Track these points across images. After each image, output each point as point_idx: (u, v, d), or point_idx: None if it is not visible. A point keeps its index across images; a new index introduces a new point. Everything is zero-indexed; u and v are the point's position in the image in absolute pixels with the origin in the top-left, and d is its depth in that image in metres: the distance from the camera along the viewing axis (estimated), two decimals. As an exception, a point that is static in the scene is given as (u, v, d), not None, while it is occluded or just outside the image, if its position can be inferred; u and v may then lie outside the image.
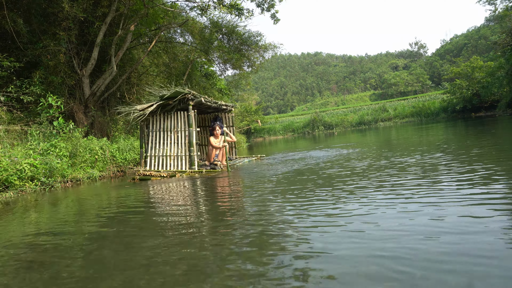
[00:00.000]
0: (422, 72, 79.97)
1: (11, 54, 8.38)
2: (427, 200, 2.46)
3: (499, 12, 20.98)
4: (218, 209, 2.99)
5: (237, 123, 25.20)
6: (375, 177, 3.65)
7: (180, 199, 3.73)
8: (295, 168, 5.29)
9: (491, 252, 1.47)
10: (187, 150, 6.48)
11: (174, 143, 6.56)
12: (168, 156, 6.54)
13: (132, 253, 1.95)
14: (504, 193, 2.43)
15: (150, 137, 6.69)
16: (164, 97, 6.53)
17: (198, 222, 2.55)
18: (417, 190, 2.80)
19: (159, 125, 6.70)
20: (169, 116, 6.67)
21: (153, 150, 6.63)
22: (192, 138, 6.43)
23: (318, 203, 2.73)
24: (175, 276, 1.56)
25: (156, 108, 6.58)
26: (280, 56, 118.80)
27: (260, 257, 1.69)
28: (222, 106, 8.02)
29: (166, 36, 14.49)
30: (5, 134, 7.01)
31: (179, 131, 6.57)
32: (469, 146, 5.60)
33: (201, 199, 3.68)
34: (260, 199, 3.24)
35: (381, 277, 1.35)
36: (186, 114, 6.53)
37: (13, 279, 1.73)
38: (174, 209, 3.17)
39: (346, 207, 2.51)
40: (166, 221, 2.68)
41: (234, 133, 8.64)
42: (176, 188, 4.61)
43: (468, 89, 23.32)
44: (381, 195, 2.75)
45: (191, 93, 6.40)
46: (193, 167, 6.36)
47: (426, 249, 1.57)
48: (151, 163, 6.59)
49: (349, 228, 2.01)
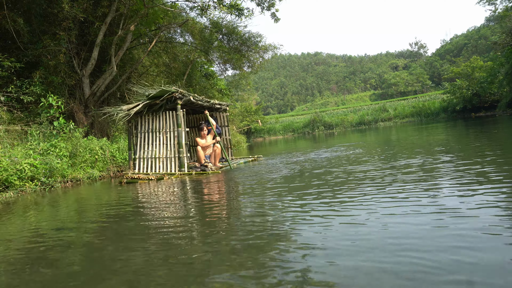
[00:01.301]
0: (422, 72, 79.96)
1: (12, 54, 8.39)
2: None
3: (499, 13, 20.98)
4: (201, 215, 2.83)
5: (237, 123, 25.21)
6: (389, 184, 3.21)
7: (162, 204, 3.50)
8: (294, 172, 4.84)
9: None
10: (176, 151, 6.21)
11: (163, 144, 6.29)
12: (157, 158, 6.27)
13: (118, 266, 1.94)
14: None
15: (138, 139, 6.43)
16: (150, 96, 6.24)
17: (180, 230, 2.53)
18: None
19: (148, 126, 6.42)
20: (157, 116, 6.38)
21: (142, 152, 6.37)
22: (181, 139, 6.16)
23: (318, 209, 2.72)
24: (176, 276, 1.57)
25: (142, 108, 6.29)
26: (280, 56, 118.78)
27: (254, 264, 1.69)
28: (215, 105, 7.68)
29: (166, 36, 14.49)
30: (5, 134, 7.01)
31: (168, 131, 6.29)
32: (480, 148, 5.41)
33: (183, 205, 3.39)
34: (247, 204, 3.05)
35: (381, 284, 1.35)
36: (175, 114, 6.25)
37: (14, 279, 1.73)
38: (155, 215, 3.01)
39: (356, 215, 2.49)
40: (147, 228, 2.67)
41: (229, 133, 8.33)
42: (161, 193, 4.32)
43: (468, 89, 23.31)
44: (390, 202, 2.51)
45: (178, 92, 6.11)
46: (182, 169, 6.09)
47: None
48: (139, 165, 6.32)
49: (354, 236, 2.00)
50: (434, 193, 2.64)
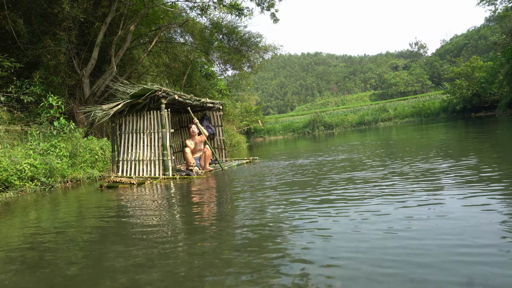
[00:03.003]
0: (422, 72, 79.95)
1: (12, 55, 8.39)
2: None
3: (499, 13, 20.99)
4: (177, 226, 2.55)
5: (237, 123, 25.20)
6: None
7: (130, 215, 3.12)
8: (287, 178, 4.32)
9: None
10: (160, 154, 5.80)
11: (147, 146, 5.90)
12: (141, 161, 5.88)
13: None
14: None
15: (122, 140, 6.05)
16: (131, 95, 5.85)
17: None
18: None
19: (132, 126, 6.03)
20: (141, 116, 5.99)
21: (126, 154, 5.99)
22: (166, 141, 5.75)
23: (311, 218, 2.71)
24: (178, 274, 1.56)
25: (123, 107, 5.90)
26: (280, 56, 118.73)
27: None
28: (207, 104, 7.24)
29: (166, 36, 14.50)
30: (5, 134, 7.01)
31: (152, 132, 5.89)
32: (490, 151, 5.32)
33: (154, 216, 3.00)
34: (222, 214, 2.79)
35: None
36: (159, 114, 5.84)
37: (13, 279, 1.73)
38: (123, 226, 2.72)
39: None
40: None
41: (223, 134, 7.92)
42: (136, 200, 3.95)
43: (468, 89, 23.31)
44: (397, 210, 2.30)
45: (161, 90, 5.71)
46: (167, 173, 5.69)
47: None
48: (123, 168, 5.97)
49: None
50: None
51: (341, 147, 8.98)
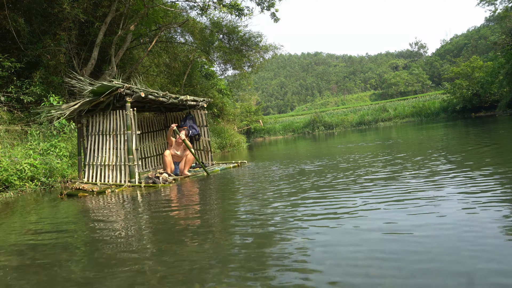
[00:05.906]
0: (422, 72, 79.93)
1: (12, 55, 8.39)
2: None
3: (499, 13, 21.00)
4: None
5: (237, 123, 25.20)
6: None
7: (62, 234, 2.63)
8: (270, 188, 3.72)
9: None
10: (126, 158, 5.17)
11: (112, 149, 5.31)
12: (107, 166, 5.29)
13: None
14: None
15: (88, 142, 5.47)
16: (90, 91, 5.23)
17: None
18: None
19: (98, 127, 5.44)
20: (107, 117, 5.39)
21: (92, 157, 5.42)
22: (131, 144, 5.13)
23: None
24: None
25: (81, 106, 5.28)
26: (280, 56, 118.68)
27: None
28: (187, 101, 6.51)
29: (167, 36, 14.51)
30: (5, 134, 7.01)
31: (118, 134, 5.27)
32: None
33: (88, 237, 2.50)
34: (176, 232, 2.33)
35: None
36: (124, 114, 5.21)
37: (13, 279, 1.73)
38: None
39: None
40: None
41: (208, 135, 7.21)
42: (89, 213, 3.52)
43: (468, 89, 23.31)
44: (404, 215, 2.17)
45: (124, 87, 5.05)
46: (132, 180, 5.06)
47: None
48: (89, 174, 5.41)
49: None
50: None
51: (342, 146, 8.97)
